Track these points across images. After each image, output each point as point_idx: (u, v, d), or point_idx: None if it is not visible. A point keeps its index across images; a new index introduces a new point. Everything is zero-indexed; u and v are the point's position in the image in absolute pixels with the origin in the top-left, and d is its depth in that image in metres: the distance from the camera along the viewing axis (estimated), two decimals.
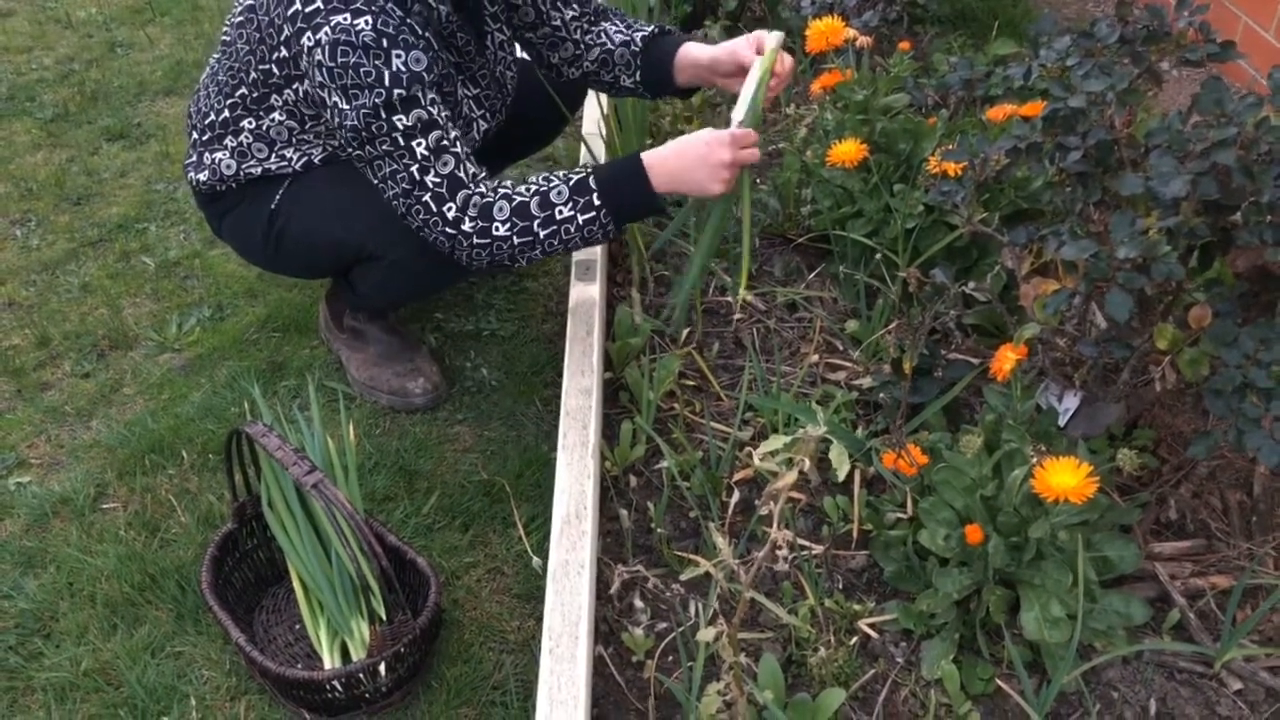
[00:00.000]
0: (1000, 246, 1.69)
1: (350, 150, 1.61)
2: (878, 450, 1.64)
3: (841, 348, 1.97)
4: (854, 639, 1.47)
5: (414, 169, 1.58)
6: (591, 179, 1.61)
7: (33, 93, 3.20)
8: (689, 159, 1.60)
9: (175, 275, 2.36)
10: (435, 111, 1.57)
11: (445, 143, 1.58)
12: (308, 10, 1.54)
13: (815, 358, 1.95)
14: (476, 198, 1.60)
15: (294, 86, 1.67)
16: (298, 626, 1.56)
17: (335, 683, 1.38)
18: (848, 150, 1.92)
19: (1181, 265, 1.30)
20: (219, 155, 1.80)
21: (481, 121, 1.82)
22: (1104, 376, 1.58)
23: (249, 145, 1.77)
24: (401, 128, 1.55)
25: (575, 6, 1.89)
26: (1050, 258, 1.54)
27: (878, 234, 2.01)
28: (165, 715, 1.46)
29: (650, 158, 1.62)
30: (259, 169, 1.79)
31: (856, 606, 1.50)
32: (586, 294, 1.89)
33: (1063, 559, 1.40)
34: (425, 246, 1.67)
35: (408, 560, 1.53)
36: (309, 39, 1.54)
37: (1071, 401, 1.61)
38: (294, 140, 1.76)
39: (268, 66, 1.66)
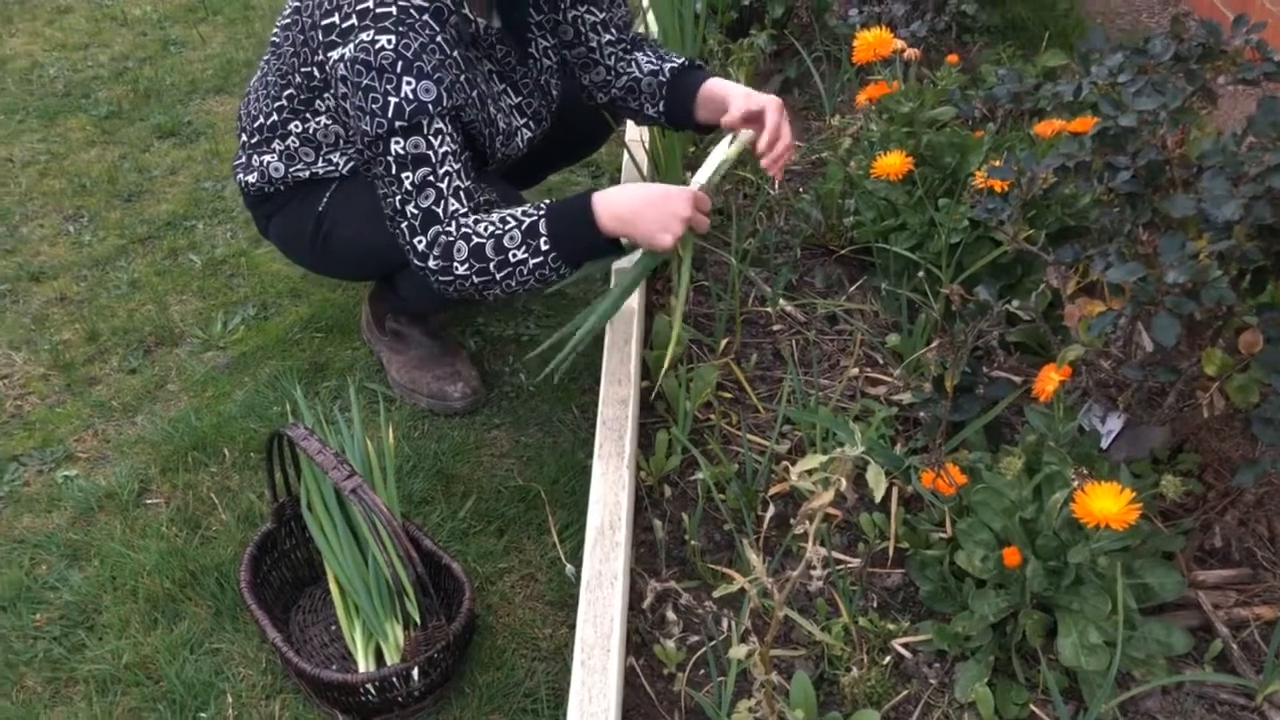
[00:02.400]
0: (1045, 265, 1.67)
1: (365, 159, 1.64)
2: (917, 468, 1.62)
3: (882, 361, 1.96)
4: (887, 658, 1.46)
5: (397, 199, 1.61)
6: (541, 223, 1.60)
7: (88, 89, 3.27)
8: (643, 204, 1.58)
9: (221, 273, 2.40)
10: (434, 143, 1.59)
11: (431, 178, 1.59)
12: (343, 25, 1.58)
13: (855, 371, 1.93)
14: (444, 236, 1.62)
15: (333, 90, 1.69)
16: (333, 627, 1.57)
17: (369, 686, 1.39)
18: (893, 163, 1.91)
19: (1233, 290, 1.27)
20: (268, 158, 1.82)
21: (526, 130, 1.83)
22: (1149, 399, 1.55)
23: (296, 149, 1.80)
24: (394, 155, 1.58)
25: (614, 32, 1.90)
26: (1096, 277, 1.52)
27: (921, 248, 1.99)
28: (202, 711, 1.48)
29: (600, 201, 1.59)
30: (306, 172, 1.81)
31: (891, 626, 1.49)
32: (625, 303, 1.89)
33: (1102, 585, 1.37)
34: None
35: (443, 565, 1.54)
36: (336, 54, 1.58)
37: (1115, 423, 1.59)
38: (339, 144, 1.78)
39: (309, 69, 1.69)
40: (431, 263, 1.63)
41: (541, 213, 1.60)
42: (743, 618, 1.49)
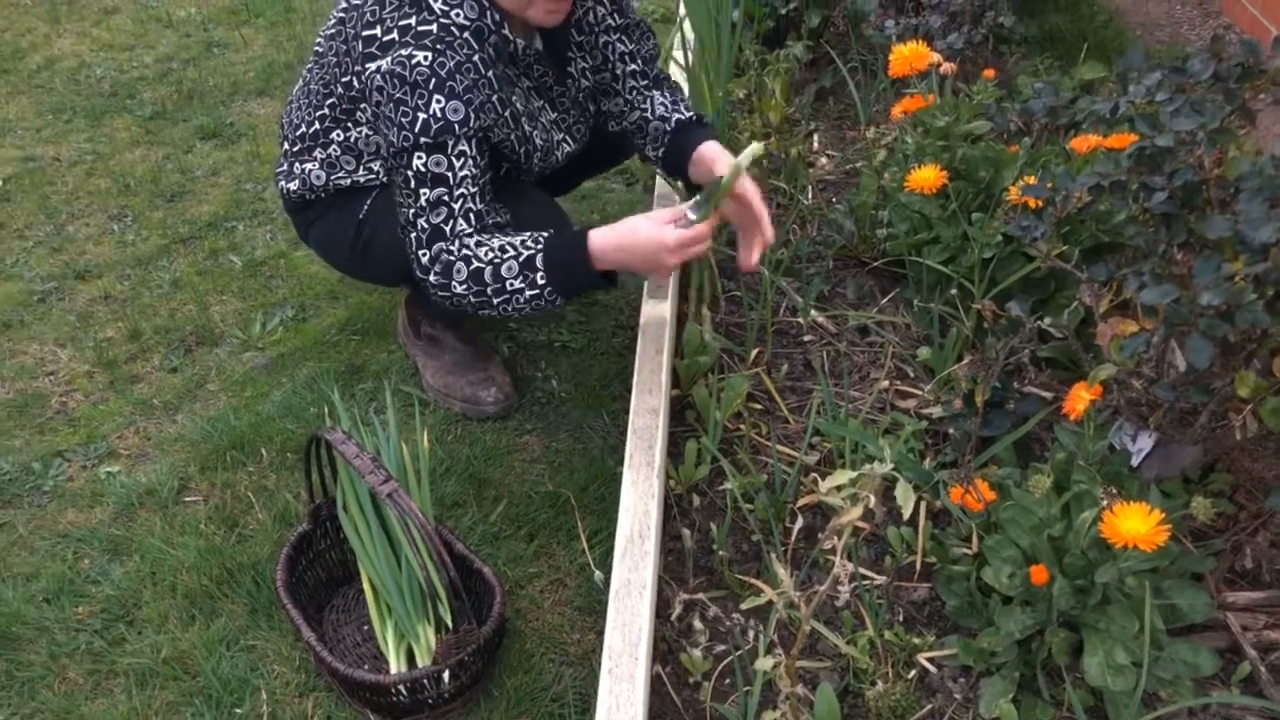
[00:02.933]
0: (1079, 281, 1.67)
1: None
2: (945, 483, 1.63)
3: (913, 375, 1.97)
4: (912, 672, 1.47)
5: (410, 211, 1.65)
6: (539, 257, 1.62)
7: (134, 90, 3.33)
8: (634, 254, 1.62)
9: (261, 275, 2.44)
10: (455, 164, 1.63)
11: (446, 197, 1.64)
12: (384, 39, 1.61)
13: (885, 384, 1.94)
14: (446, 255, 1.66)
15: (369, 100, 1.72)
16: (366, 627, 1.60)
17: (400, 687, 1.42)
18: (926, 176, 1.91)
19: (1268, 313, 1.27)
20: (309, 166, 1.86)
21: (565, 144, 1.87)
22: (1181, 419, 1.55)
23: (338, 157, 1.83)
24: (414, 170, 1.62)
25: (639, 63, 1.94)
26: (1129, 296, 1.52)
27: (954, 261, 1.99)
28: (238, 707, 1.51)
29: (596, 245, 1.62)
30: (347, 180, 1.84)
31: (916, 640, 1.50)
32: (657, 312, 1.91)
33: (1130, 605, 1.38)
34: None
35: (474, 569, 1.57)
36: (373, 66, 1.62)
37: (1146, 442, 1.59)
38: (380, 153, 1.81)
39: (350, 79, 1.73)
40: (432, 277, 1.67)
41: (540, 247, 1.63)
42: (769, 629, 1.50)
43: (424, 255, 1.67)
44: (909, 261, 2.08)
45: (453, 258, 1.66)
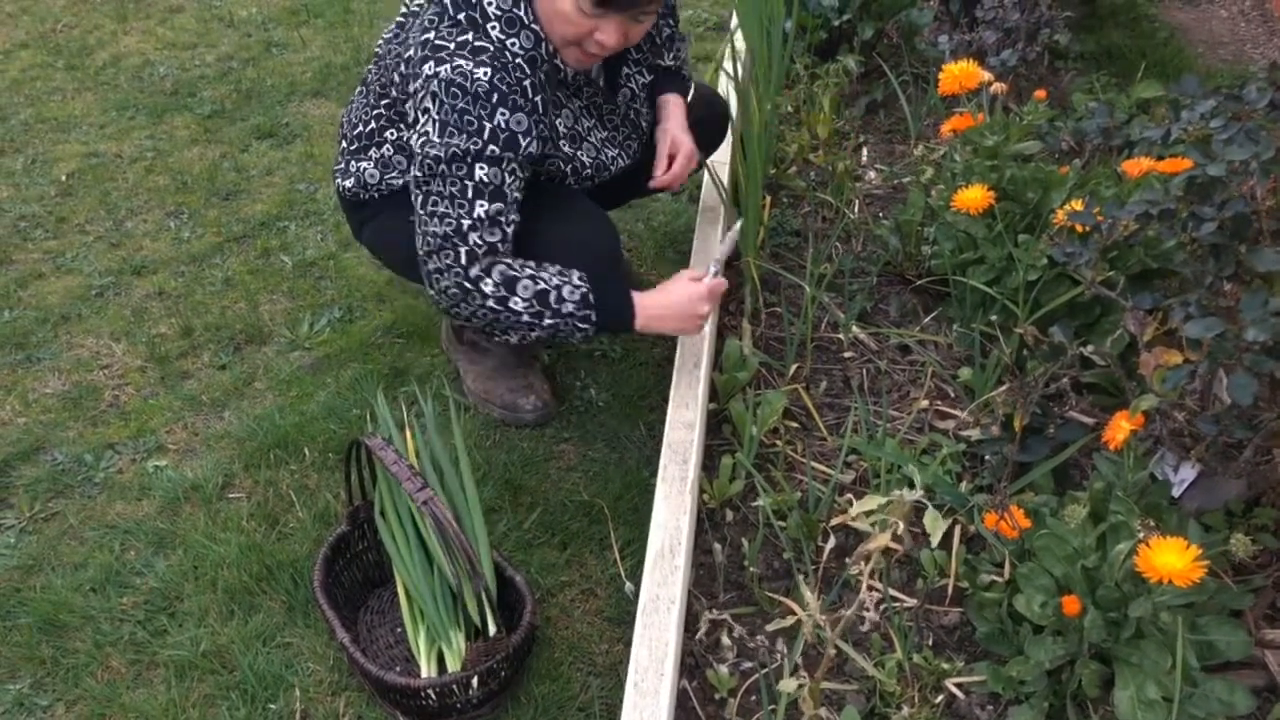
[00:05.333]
0: (1124, 309, 1.64)
1: (415, 173, 1.69)
2: (980, 507, 1.62)
3: (953, 395, 1.95)
4: (940, 697, 1.46)
5: (465, 223, 1.66)
6: (591, 295, 1.71)
7: (194, 89, 3.41)
8: (673, 314, 1.78)
9: (310, 275, 2.48)
10: (509, 181, 1.66)
11: (501, 217, 1.68)
12: (441, 46, 1.64)
13: (925, 404, 1.93)
14: (504, 268, 1.69)
15: (416, 99, 1.75)
16: (399, 630, 1.63)
17: (430, 691, 1.44)
18: (973, 197, 1.90)
19: None
20: (364, 165, 1.90)
21: (620, 160, 1.91)
22: (1225, 452, 1.52)
23: (390, 157, 1.86)
24: (475, 180, 1.64)
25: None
26: (1175, 325, 1.49)
27: (999, 282, 1.98)
28: (272, 703, 1.55)
29: (643, 309, 1.75)
30: (399, 180, 1.88)
31: (945, 665, 1.49)
32: None
33: (1164, 639, 1.36)
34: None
35: (506, 576, 1.58)
36: (430, 68, 1.63)
37: (1188, 473, 1.56)
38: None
39: (404, 81, 1.76)
40: (487, 287, 1.68)
41: (590, 287, 1.72)
42: (795, 651, 1.50)
43: (474, 269, 1.68)
44: (953, 281, 2.06)
45: (515, 273, 1.69)
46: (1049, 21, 2.57)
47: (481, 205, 1.65)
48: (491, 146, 1.62)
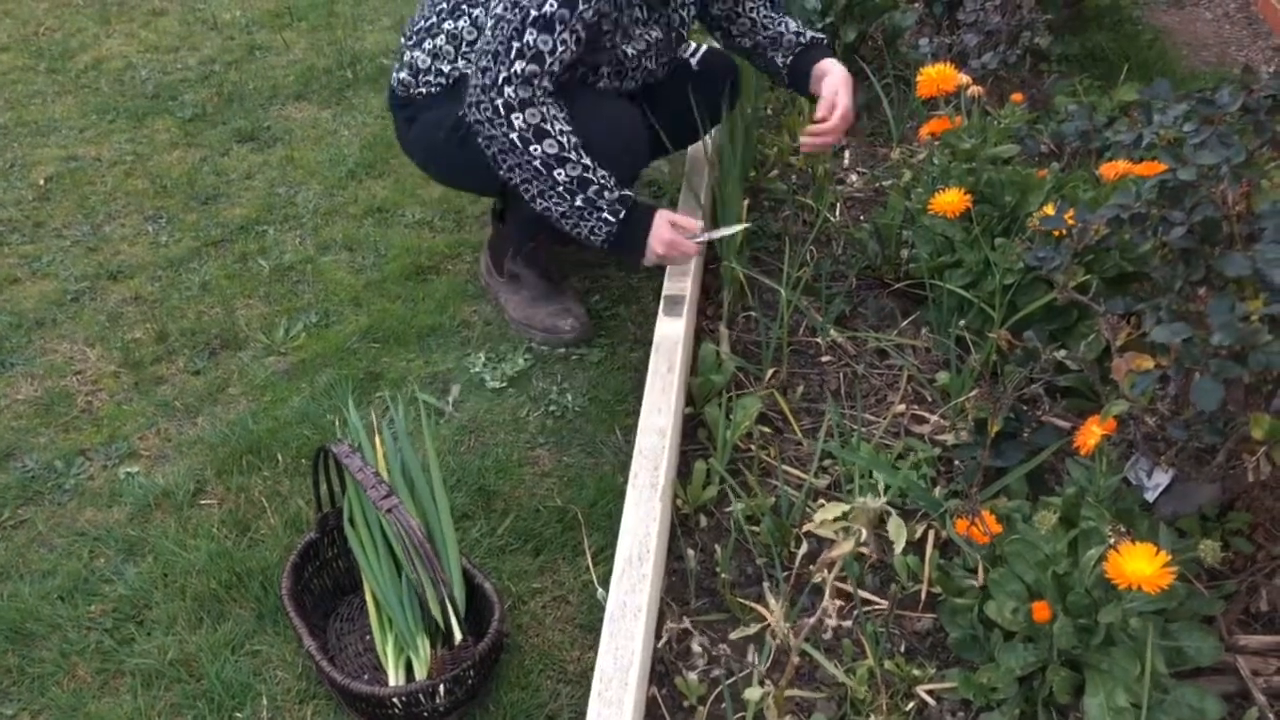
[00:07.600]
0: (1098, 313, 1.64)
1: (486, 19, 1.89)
2: (953, 512, 1.61)
3: (930, 399, 1.94)
4: (911, 704, 1.45)
5: (501, 75, 1.82)
6: (632, 199, 1.89)
7: (176, 92, 3.39)
8: (655, 235, 1.92)
9: (287, 279, 2.47)
10: (555, 48, 1.81)
11: (535, 78, 1.82)
12: None
13: (902, 408, 1.92)
14: (544, 108, 1.83)
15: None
16: (368, 637, 1.61)
17: (395, 700, 1.43)
18: (950, 200, 1.89)
19: None
20: (417, 54, 2.05)
21: (654, 64, 2.09)
22: (1198, 456, 1.51)
23: (441, 46, 2.02)
24: (518, 45, 1.80)
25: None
26: (1148, 330, 1.49)
27: (976, 286, 1.97)
28: (239, 711, 1.53)
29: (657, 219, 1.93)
30: (447, 67, 2.01)
31: (916, 671, 1.48)
32: (671, 330, 1.90)
33: (1134, 646, 1.35)
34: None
35: (475, 584, 1.57)
36: None
37: (1162, 477, 1.55)
38: (474, 49, 1.96)
39: None
40: (517, 121, 1.82)
41: (634, 195, 1.90)
42: (763, 658, 1.49)
43: (505, 106, 1.81)
44: (930, 284, 2.06)
45: (550, 123, 1.83)
46: (1030, 24, 2.57)
47: (520, 62, 1.80)
48: (548, 6, 1.78)
